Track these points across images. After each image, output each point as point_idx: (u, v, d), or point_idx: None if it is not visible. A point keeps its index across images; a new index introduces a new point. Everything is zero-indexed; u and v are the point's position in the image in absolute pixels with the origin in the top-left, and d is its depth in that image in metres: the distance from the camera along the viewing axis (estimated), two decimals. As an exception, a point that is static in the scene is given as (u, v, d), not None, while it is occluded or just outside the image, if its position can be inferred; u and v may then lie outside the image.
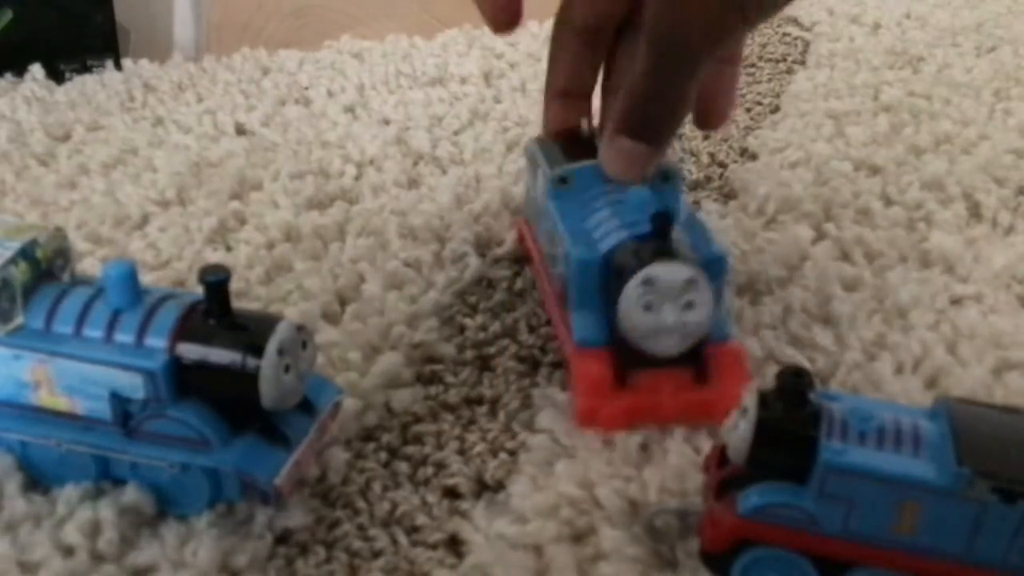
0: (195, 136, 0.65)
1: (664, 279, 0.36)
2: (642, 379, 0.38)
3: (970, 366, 0.43)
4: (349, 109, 0.69)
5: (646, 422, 0.39)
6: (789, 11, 0.87)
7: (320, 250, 0.52)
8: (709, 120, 0.46)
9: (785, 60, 0.78)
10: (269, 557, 0.34)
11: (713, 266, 0.38)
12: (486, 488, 0.37)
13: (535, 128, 0.65)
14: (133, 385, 0.34)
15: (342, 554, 0.34)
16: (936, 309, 0.47)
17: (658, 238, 0.37)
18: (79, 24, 0.74)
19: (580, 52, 0.46)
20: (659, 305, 0.36)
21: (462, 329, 0.46)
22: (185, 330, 0.34)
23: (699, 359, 0.38)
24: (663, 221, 0.37)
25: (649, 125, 0.39)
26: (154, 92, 0.72)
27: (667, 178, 0.43)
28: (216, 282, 0.34)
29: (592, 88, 0.47)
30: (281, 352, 0.33)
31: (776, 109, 0.70)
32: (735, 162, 0.62)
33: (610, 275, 0.39)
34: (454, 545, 0.35)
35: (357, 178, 0.59)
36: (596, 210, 0.42)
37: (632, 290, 0.36)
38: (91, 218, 0.54)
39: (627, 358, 0.38)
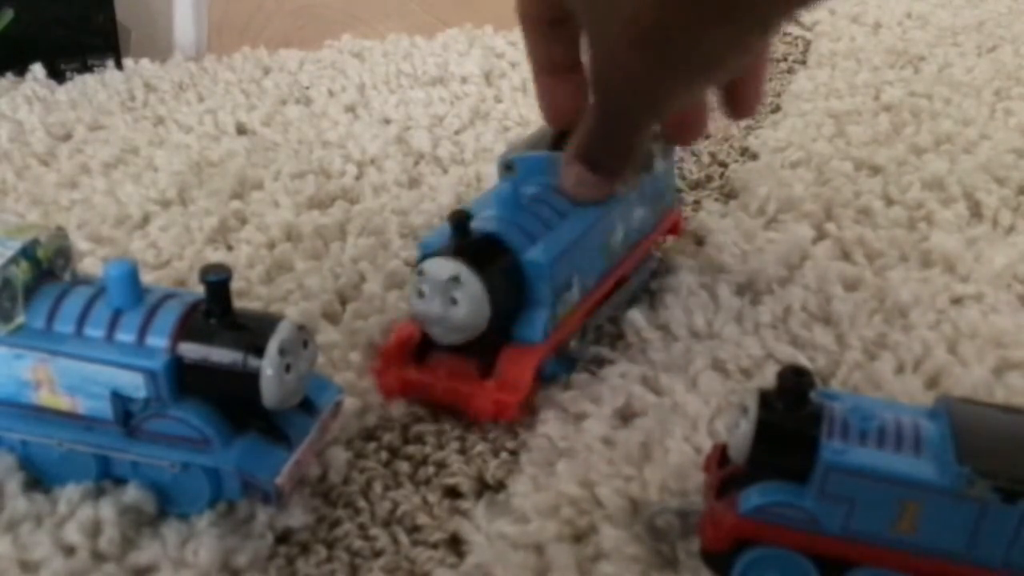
0: (196, 136, 0.65)
1: (431, 272, 0.38)
2: (436, 359, 0.41)
3: (971, 366, 0.43)
4: (350, 109, 0.69)
5: (420, 397, 0.41)
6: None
7: (321, 249, 0.52)
8: (736, 113, 0.46)
9: (786, 59, 0.79)
10: (270, 556, 0.34)
11: (534, 269, 0.40)
12: (487, 488, 0.37)
13: (535, 128, 0.65)
14: (134, 384, 0.34)
15: (343, 553, 0.34)
16: (937, 309, 0.47)
17: (454, 234, 0.39)
18: (80, 24, 0.74)
19: (541, 32, 0.45)
20: (429, 295, 0.38)
21: (463, 329, 0.46)
22: (186, 330, 0.34)
23: (491, 355, 0.40)
24: (458, 218, 0.39)
25: (601, 162, 0.42)
26: (155, 92, 0.72)
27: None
28: (217, 281, 0.34)
29: (577, 59, 0.45)
30: (282, 352, 0.33)
31: (777, 108, 0.70)
32: (736, 161, 0.62)
33: None
34: (455, 544, 0.35)
35: (358, 178, 0.60)
36: (508, 199, 0.43)
37: (412, 278, 0.40)
38: (92, 217, 0.54)
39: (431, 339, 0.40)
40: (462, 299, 0.38)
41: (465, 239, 0.39)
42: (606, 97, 0.39)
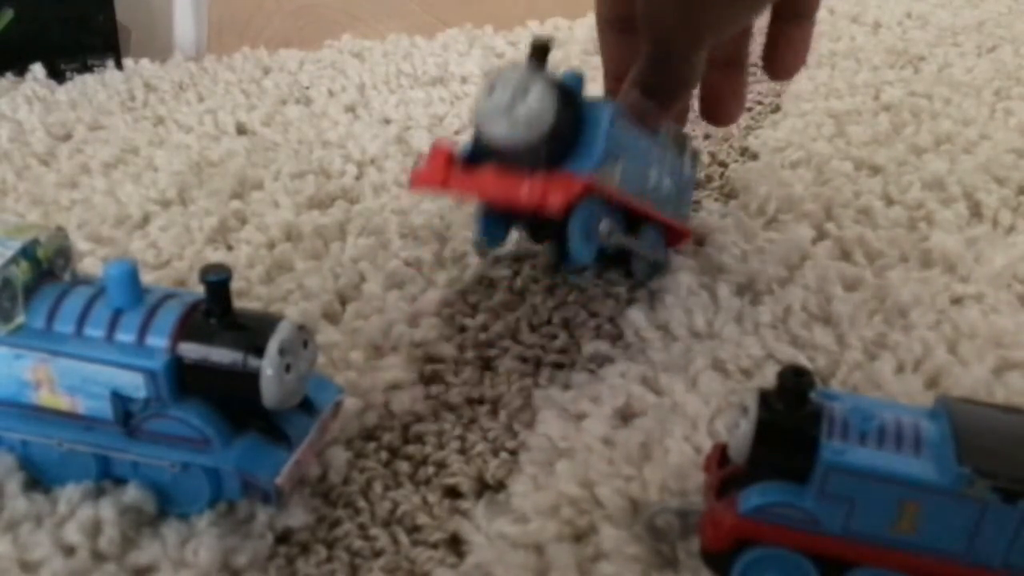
0: (196, 135, 0.65)
1: (507, 72, 0.40)
2: (480, 167, 0.41)
3: (971, 366, 0.43)
4: (350, 108, 0.69)
5: (460, 191, 0.42)
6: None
7: (321, 249, 0.52)
8: (717, 120, 0.51)
9: (786, 60, 0.78)
10: (270, 556, 0.34)
11: (595, 113, 0.41)
12: (487, 487, 0.37)
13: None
14: (134, 384, 0.34)
15: (343, 553, 0.34)
16: (937, 309, 0.47)
17: (532, 58, 0.41)
18: (80, 24, 0.74)
19: (619, 39, 0.48)
20: (501, 89, 0.40)
21: (463, 329, 0.46)
22: (186, 330, 0.34)
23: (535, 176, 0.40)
24: (540, 46, 0.41)
25: (656, 90, 0.44)
26: (155, 92, 0.72)
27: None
28: (217, 281, 0.34)
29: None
30: (282, 352, 0.33)
31: (777, 108, 0.70)
32: (736, 162, 0.62)
33: None
34: (455, 544, 0.35)
35: (358, 177, 0.60)
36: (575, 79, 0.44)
37: (486, 78, 0.41)
38: (92, 217, 0.54)
39: (479, 155, 0.41)
40: (534, 93, 0.39)
41: (541, 66, 0.41)
42: (651, 37, 0.43)
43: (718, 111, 0.50)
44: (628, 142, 0.43)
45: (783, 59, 0.49)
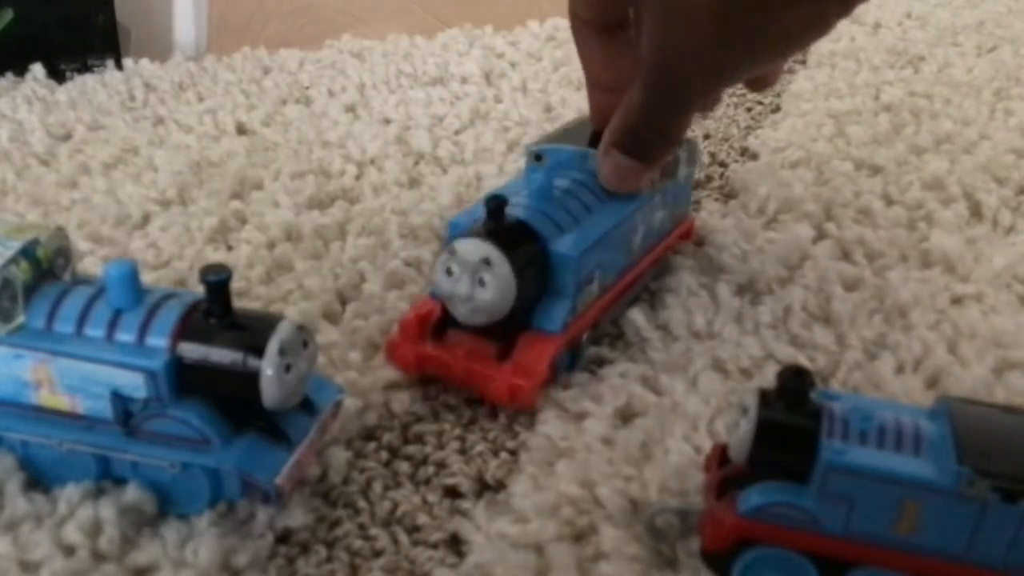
0: (196, 136, 0.65)
1: (462, 252, 0.39)
2: (453, 338, 0.41)
3: (971, 366, 0.43)
4: (350, 109, 0.69)
5: (435, 374, 0.41)
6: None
7: (321, 249, 0.52)
8: (756, 84, 0.46)
9: (786, 60, 0.78)
10: (270, 556, 0.34)
11: (561, 261, 0.40)
12: (487, 487, 0.37)
13: (536, 128, 0.65)
14: (134, 384, 0.34)
15: (343, 553, 0.34)
16: (937, 309, 0.47)
17: (488, 218, 0.40)
18: (80, 24, 0.74)
19: (598, 41, 0.44)
20: (458, 275, 0.39)
21: (463, 329, 0.46)
22: (186, 329, 0.34)
23: (509, 340, 0.40)
24: (494, 203, 0.39)
25: (642, 147, 0.41)
26: (155, 92, 0.72)
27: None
28: (217, 281, 0.34)
29: (626, 76, 0.44)
30: (282, 352, 0.33)
31: (777, 109, 0.70)
32: (736, 162, 0.62)
33: None
34: (455, 544, 0.35)
35: (358, 177, 0.60)
36: (529, 186, 0.43)
37: (441, 255, 0.40)
38: (92, 217, 0.54)
39: (452, 317, 0.41)
40: (490, 281, 0.38)
41: (499, 223, 0.39)
42: (664, 78, 0.38)
43: (759, 82, 0.46)
44: (605, 244, 0.42)
45: (765, 77, 0.45)
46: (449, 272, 0.39)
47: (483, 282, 0.38)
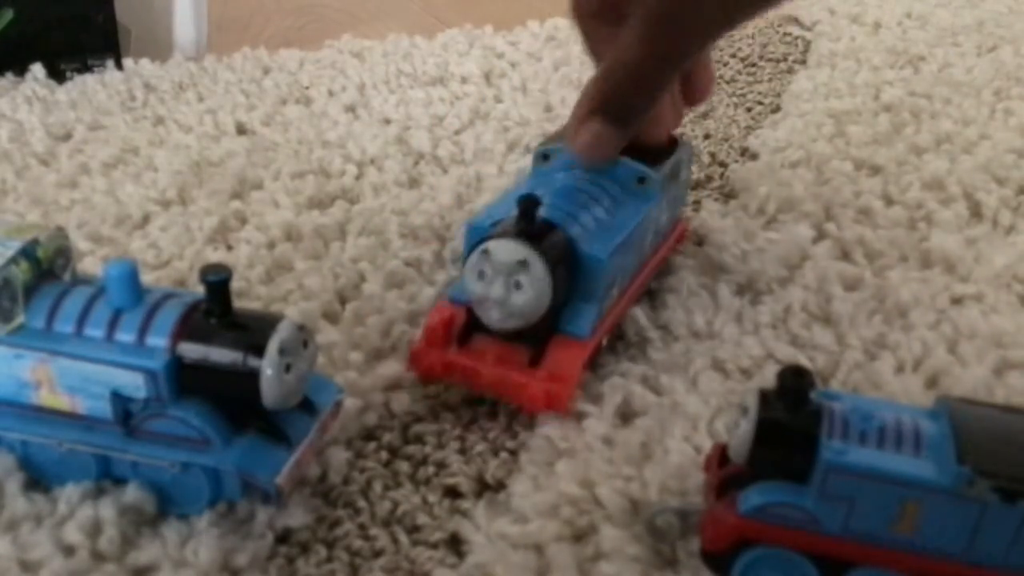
0: (196, 135, 0.65)
1: (497, 254, 0.37)
2: (479, 343, 0.40)
3: (971, 366, 0.43)
4: (350, 108, 0.69)
5: (462, 382, 0.40)
6: (790, 10, 0.87)
7: (321, 249, 0.52)
8: (693, 97, 0.47)
9: (786, 60, 0.78)
10: (270, 556, 0.34)
11: (591, 263, 0.39)
12: (487, 487, 0.37)
13: (536, 128, 0.65)
14: (134, 384, 0.34)
15: (343, 553, 0.34)
16: (937, 309, 0.47)
17: (520, 219, 0.38)
18: (80, 24, 0.74)
19: (608, 32, 0.44)
20: (491, 277, 0.37)
21: (463, 328, 0.46)
22: (186, 329, 0.34)
23: (540, 345, 0.39)
24: (527, 203, 0.38)
25: (627, 110, 0.40)
26: (155, 92, 0.72)
27: (643, 180, 0.44)
28: (217, 281, 0.34)
29: None
30: (282, 351, 0.33)
31: (777, 109, 0.70)
32: (736, 162, 0.62)
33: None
34: (455, 544, 0.35)
35: (358, 177, 0.59)
36: (548, 186, 0.42)
37: (472, 257, 0.38)
38: (92, 217, 0.54)
39: (478, 321, 0.39)
40: (527, 284, 0.37)
41: (531, 224, 0.38)
42: (667, 31, 0.39)
43: (688, 89, 0.46)
44: (626, 245, 0.41)
45: (697, 85, 0.46)
46: (481, 275, 0.38)
47: (519, 285, 0.37)
